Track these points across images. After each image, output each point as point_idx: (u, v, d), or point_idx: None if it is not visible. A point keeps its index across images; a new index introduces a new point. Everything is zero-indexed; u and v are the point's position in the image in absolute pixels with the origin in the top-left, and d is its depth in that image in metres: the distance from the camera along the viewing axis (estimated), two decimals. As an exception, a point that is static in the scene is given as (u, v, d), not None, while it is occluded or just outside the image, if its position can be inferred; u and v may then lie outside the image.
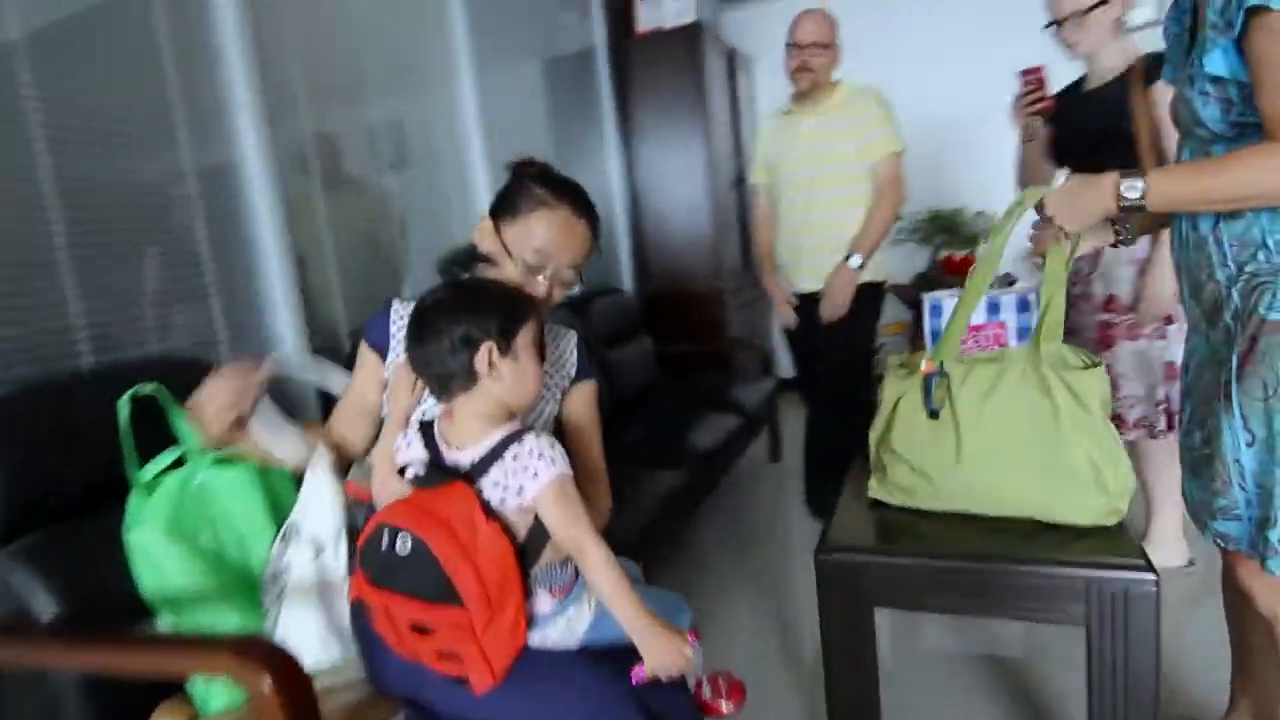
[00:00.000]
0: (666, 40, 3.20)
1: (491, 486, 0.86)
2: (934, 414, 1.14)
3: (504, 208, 1.02)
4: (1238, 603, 1.15)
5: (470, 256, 1.01)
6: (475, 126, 2.33)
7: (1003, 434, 1.09)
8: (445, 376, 0.89)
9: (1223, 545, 1.01)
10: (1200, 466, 1.03)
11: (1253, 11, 0.82)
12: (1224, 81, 0.89)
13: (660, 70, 3.22)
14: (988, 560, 1.04)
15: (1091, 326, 1.90)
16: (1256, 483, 0.93)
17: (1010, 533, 1.08)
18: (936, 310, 1.83)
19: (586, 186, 1.05)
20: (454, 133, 2.31)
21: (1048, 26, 1.78)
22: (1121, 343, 1.83)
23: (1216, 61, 0.88)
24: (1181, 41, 1.05)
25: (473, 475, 0.87)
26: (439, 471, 0.88)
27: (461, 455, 0.89)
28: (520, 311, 0.91)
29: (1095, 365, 1.10)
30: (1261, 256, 0.91)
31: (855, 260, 2.21)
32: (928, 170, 3.50)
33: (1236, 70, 0.87)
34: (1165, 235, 1.76)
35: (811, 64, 2.22)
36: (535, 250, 0.99)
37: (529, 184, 1.01)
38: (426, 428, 0.93)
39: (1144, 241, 1.75)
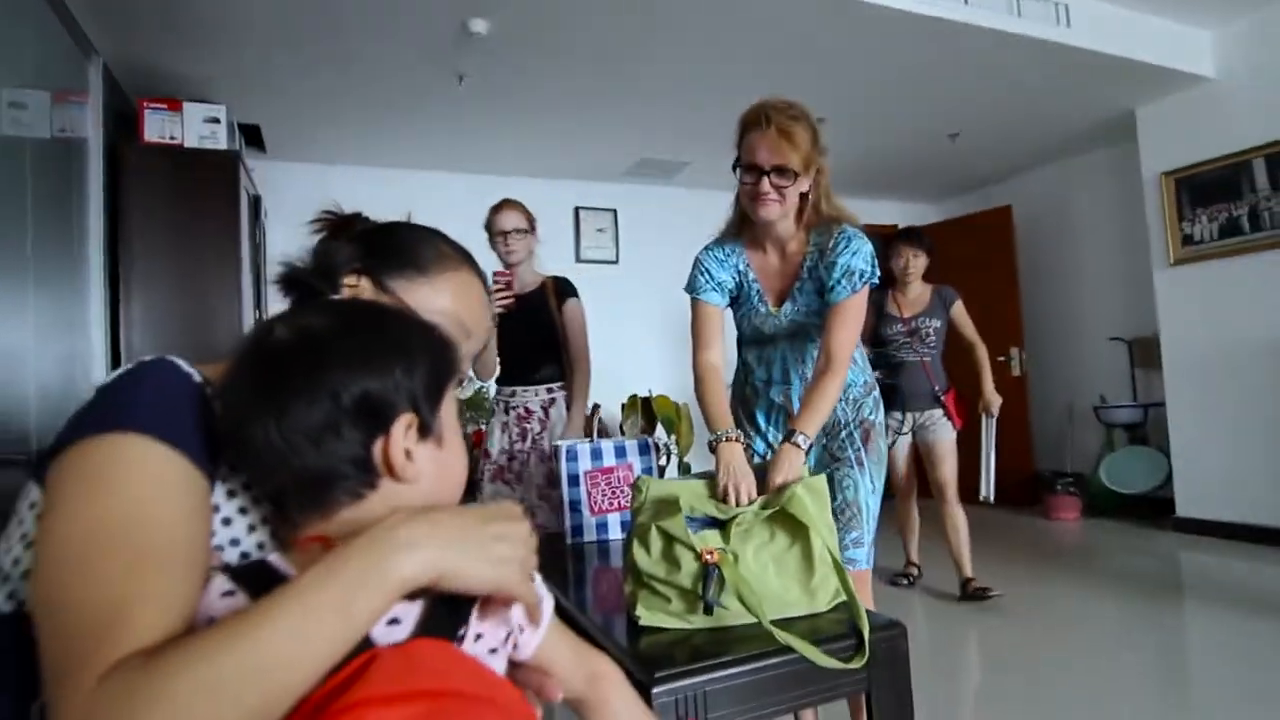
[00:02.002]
0: (189, 160, 2.65)
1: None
2: (709, 609, 1.11)
3: (399, 258, 0.69)
4: None
5: (343, 263, 0.63)
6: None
7: (768, 562, 1.17)
8: (319, 477, 0.50)
9: (852, 569, 1.48)
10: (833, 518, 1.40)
11: (863, 282, 1.50)
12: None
13: (174, 190, 2.62)
14: (784, 654, 1.09)
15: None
16: (872, 515, 1.61)
17: (782, 630, 1.14)
18: (572, 454, 1.99)
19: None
20: None
21: (489, 234, 2.39)
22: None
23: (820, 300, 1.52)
24: (743, 288, 1.65)
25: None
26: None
27: None
28: (450, 360, 0.58)
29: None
30: (854, 393, 1.68)
31: None
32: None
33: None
34: (576, 392, 2.43)
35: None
36: (458, 323, 0.70)
37: (424, 234, 0.73)
38: (265, 575, 0.51)
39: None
